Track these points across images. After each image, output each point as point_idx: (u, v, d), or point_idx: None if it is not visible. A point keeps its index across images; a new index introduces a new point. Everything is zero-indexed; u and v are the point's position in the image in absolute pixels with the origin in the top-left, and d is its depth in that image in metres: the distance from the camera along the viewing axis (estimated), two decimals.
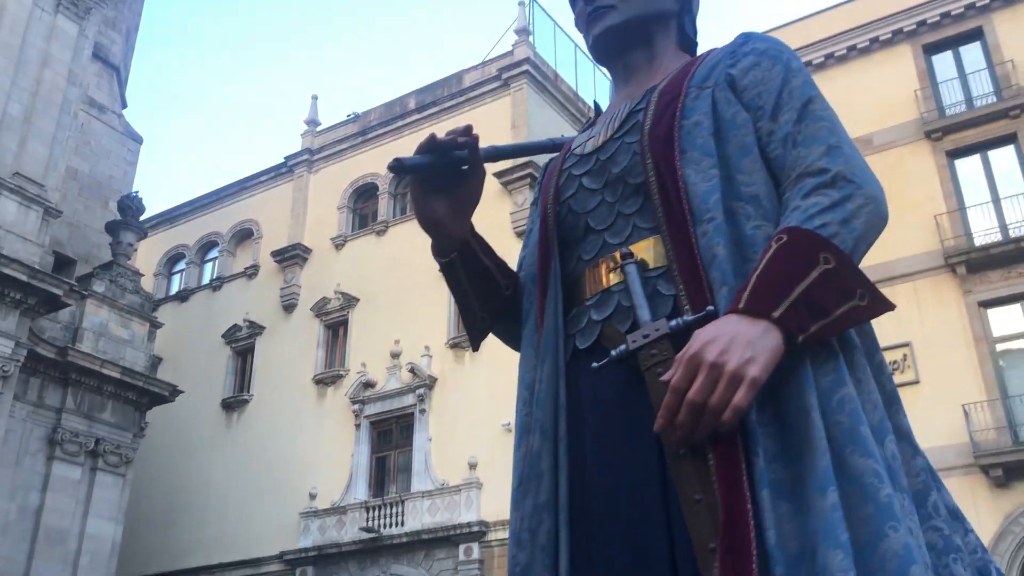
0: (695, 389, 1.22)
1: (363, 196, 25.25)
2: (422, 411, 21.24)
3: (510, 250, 21.43)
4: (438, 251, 1.63)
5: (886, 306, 1.34)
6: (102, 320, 18.79)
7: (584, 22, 1.72)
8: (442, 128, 23.80)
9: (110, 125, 23.01)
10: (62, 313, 17.89)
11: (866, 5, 20.33)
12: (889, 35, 19.83)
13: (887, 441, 1.30)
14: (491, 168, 23.21)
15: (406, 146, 24.45)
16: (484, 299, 1.68)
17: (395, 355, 21.98)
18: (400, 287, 22.56)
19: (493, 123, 22.98)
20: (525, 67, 23.22)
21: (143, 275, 21.60)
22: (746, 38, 1.60)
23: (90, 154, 22.04)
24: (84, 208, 21.61)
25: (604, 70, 1.87)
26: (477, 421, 20.03)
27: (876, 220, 1.39)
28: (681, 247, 1.41)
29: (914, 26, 19.70)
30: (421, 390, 21.29)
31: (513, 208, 21.58)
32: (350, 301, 23.55)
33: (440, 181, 1.56)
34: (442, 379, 21.24)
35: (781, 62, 1.53)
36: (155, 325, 20.54)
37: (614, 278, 1.49)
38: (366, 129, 25.57)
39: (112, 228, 19.94)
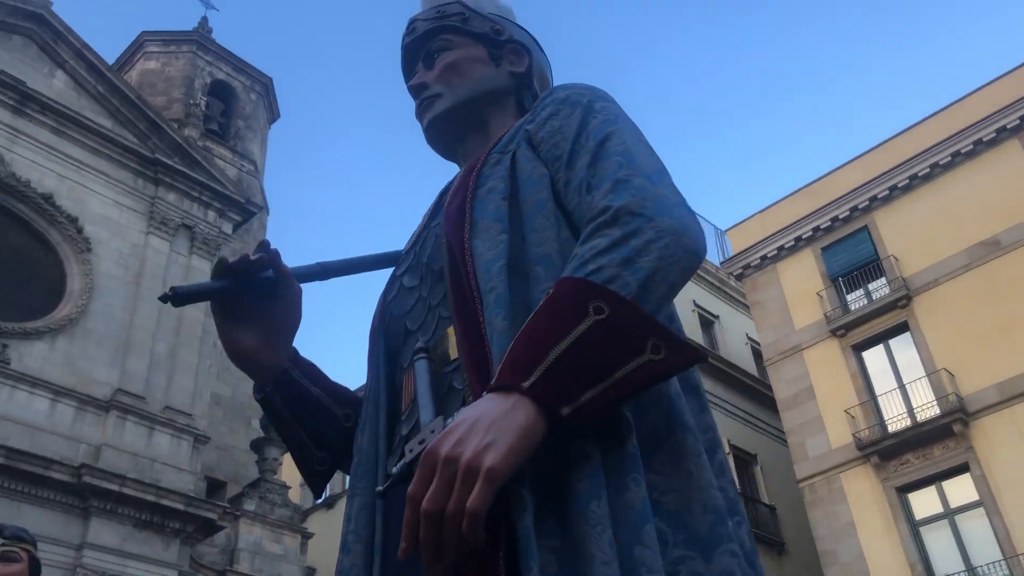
0: (428, 496, 0.99)
1: None
2: None
3: None
4: (255, 387, 1.44)
5: (691, 356, 1.08)
6: (255, 538, 19.13)
7: (417, 115, 1.63)
8: None
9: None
10: (218, 536, 18.33)
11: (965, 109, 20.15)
12: (993, 134, 19.45)
13: (718, 553, 1.06)
14: None
15: None
16: (318, 435, 1.46)
17: None
18: None
19: None
20: None
21: (290, 487, 22.09)
22: (552, 90, 1.45)
23: (231, 378, 23.22)
24: (229, 430, 22.55)
25: (705, 218, 1.81)
26: None
27: (674, 255, 1.13)
28: (469, 329, 1.21)
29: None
30: None
31: None
32: None
33: (246, 308, 1.37)
34: None
35: (581, 105, 1.37)
36: (306, 536, 20.75)
37: None
38: None
39: (257, 445, 20.63)
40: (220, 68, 23.81)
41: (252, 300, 1.36)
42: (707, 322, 24.58)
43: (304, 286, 1.44)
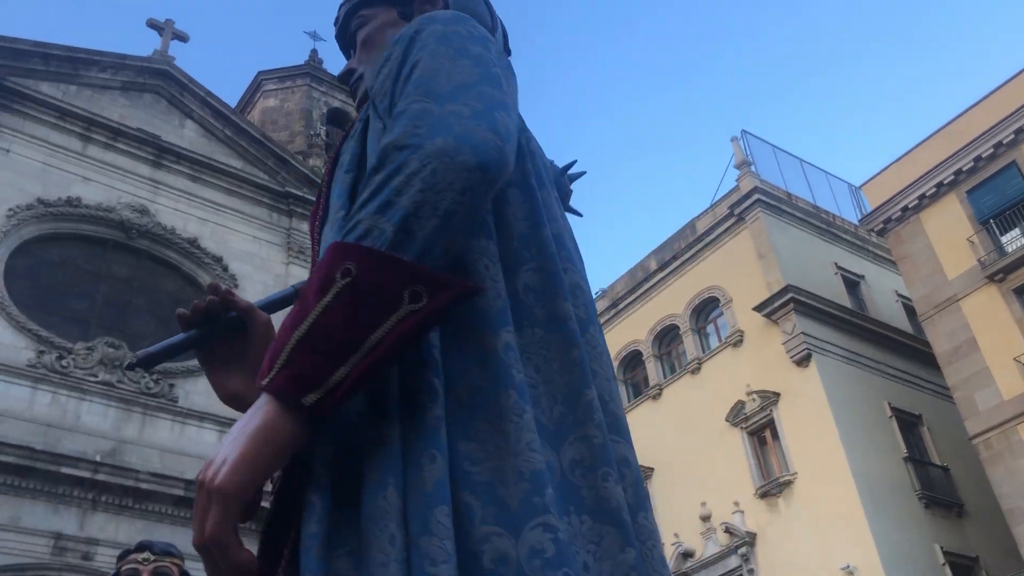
0: (193, 525, 0.93)
1: (630, 365, 25.33)
2: (750, 571, 19.96)
3: (790, 382, 20.31)
4: None
5: (454, 290, 0.94)
6: None
7: None
8: (688, 281, 23.76)
9: None
10: None
11: None
12: None
13: (529, 527, 0.91)
14: (749, 302, 22.47)
15: (658, 308, 24.53)
16: None
17: (705, 518, 21.09)
18: (690, 446, 21.96)
19: (739, 260, 22.64)
20: (755, 196, 22.94)
21: None
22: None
23: None
24: None
25: (837, 176, 1.69)
26: (812, 569, 18.48)
27: (444, 179, 0.97)
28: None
29: None
30: (743, 549, 20.11)
31: (784, 337, 20.72)
32: (645, 473, 23.16)
33: (225, 352, 1.27)
34: (761, 533, 19.99)
35: (404, 42, 1.21)
36: None
37: None
38: (616, 301, 26.01)
39: None
40: (334, 96, 24.61)
41: (226, 342, 1.27)
42: (852, 283, 23.60)
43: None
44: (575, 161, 2.10)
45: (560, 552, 0.90)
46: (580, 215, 2.13)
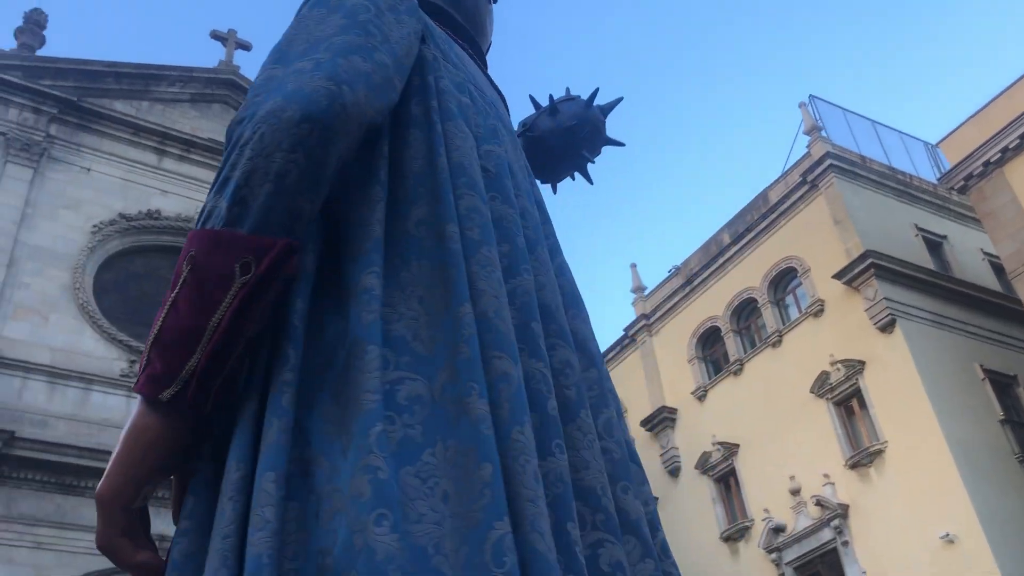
0: None
1: (709, 342, 25.03)
2: (845, 543, 19.59)
3: (875, 349, 19.80)
4: None
5: (278, 249, 0.92)
6: None
7: None
8: (763, 253, 23.33)
9: None
10: None
11: None
12: None
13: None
14: (828, 270, 21.90)
15: (734, 281, 24.17)
16: None
17: (795, 491, 20.76)
18: (774, 420, 21.62)
19: (815, 228, 22.15)
20: (828, 161, 22.38)
21: None
22: None
23: None
24: None
25: (911, 135, 1.62)
26: (909, 539, 18.05)
27: (272, 140, 0.94)
28: None
29: None
30: (836, 521, 19.73)
31: (866, 304, 20.21)
32: (731, 449, 22.90)
33: None
34: (854, 504, 19.59)
35: (292, 24, 1.16)
36: None
37: None
38: (691, 277, 25.71)
39: None
40: None
41: None
42: (934, 244, 22.87)
43: None
44: (597, 90, 2.06)
45: (376, 493, 0.83)
46: (622, 144, 2.13)
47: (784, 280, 23.20)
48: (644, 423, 25.31)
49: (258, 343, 0.98)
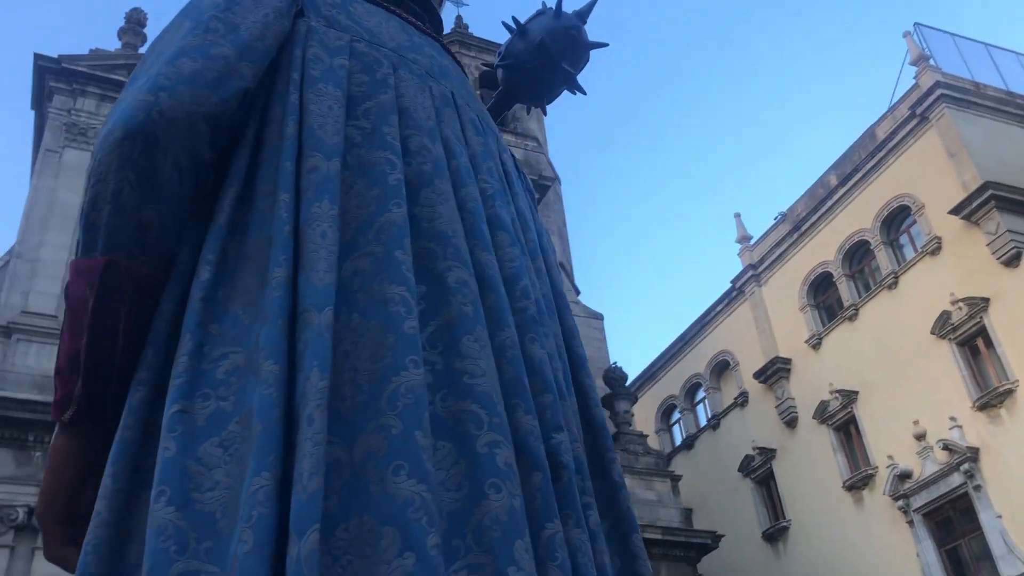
0: None
1: (820, 289, 24.36)
2: (976, 487, 18.90)
3: (1000, 285, 18.93)
4: None
5: (97, 263, 0.99)
6: (628, 489, 19.87)
7: None
8: (873, 193, 22.45)
9: (573, 313, 25.22)
10: None
11: None
12: None
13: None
14: (944, 206, 20.91)
15: (844, 224, 23.39)
16: None
17: (919, 436, 20.12)
18: (894, 365, 20.94)
19: (927, 162, 21.19)
20: (938, 92, 21.30)
21: (647, 435, 22.66)
22: None
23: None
24: None
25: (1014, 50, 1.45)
26: None
27: (105, 163, 1.00)
28: None
29: None
30: (966, 465, 19.05)
31: (988, 238, 19.26)
32: (849, 396, 22.32)
33: None
34: (984, 447, 18.86)
35: None
36: (675, 479, 21.20)
37: None
38: (798, 223, 25.01)
39: (608, 402, 21.39)
40: (483, 59, 24.82)
41: None
42: None
43: None
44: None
45: (160, 471, 0.89)
46: (605, 45, 1.99)
47: (897, 219, 22.32)
48: (757, 375, 24.90)
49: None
